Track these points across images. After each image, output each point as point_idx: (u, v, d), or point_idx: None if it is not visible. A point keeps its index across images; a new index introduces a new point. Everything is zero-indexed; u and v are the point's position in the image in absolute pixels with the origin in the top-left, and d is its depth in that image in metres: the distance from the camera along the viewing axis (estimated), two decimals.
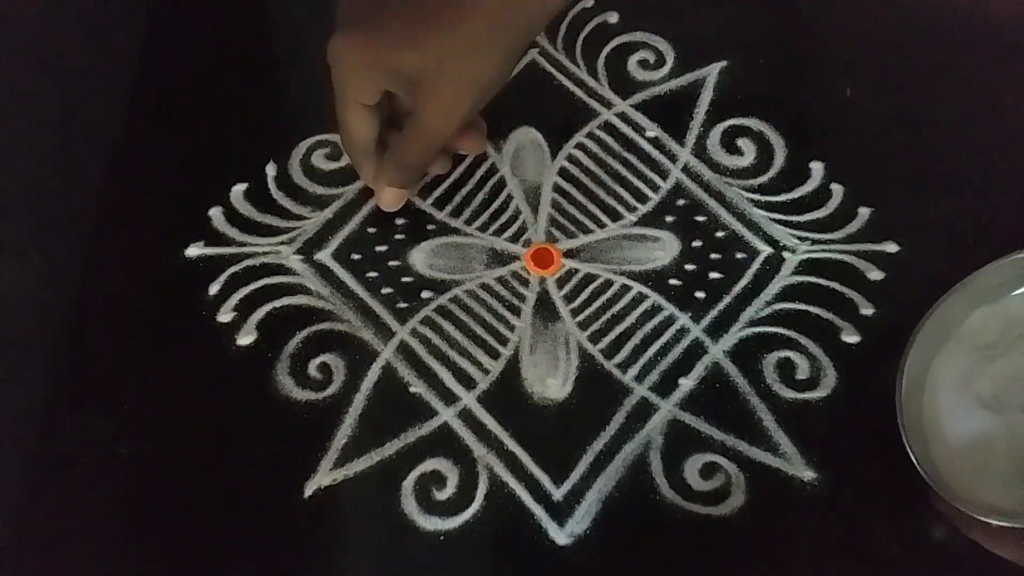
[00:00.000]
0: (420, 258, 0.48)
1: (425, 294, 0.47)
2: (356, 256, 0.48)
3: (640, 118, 0.53)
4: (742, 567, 0.40)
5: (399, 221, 0.49)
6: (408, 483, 0.42)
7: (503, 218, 0.50)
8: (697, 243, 0.49)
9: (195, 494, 0.42)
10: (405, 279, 0.48)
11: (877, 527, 0.41)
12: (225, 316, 0.46)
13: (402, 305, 0.47)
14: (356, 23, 0.43)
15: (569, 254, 0.49)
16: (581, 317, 0.47)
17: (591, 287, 0.47)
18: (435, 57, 0.41)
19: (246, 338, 0.46)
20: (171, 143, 0.52)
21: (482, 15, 0.41)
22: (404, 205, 0.49)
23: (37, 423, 0.44)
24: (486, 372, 0.45)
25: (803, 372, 0.45)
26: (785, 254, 0.48)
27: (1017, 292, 0.42)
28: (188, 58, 0.55)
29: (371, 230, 0.49)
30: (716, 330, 0.46)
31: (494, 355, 0.45)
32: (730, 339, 0.46)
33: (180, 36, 0.56)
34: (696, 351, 0.45)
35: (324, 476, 0.42)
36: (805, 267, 0.48)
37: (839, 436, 0.43)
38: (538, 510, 0.41)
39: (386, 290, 0.47)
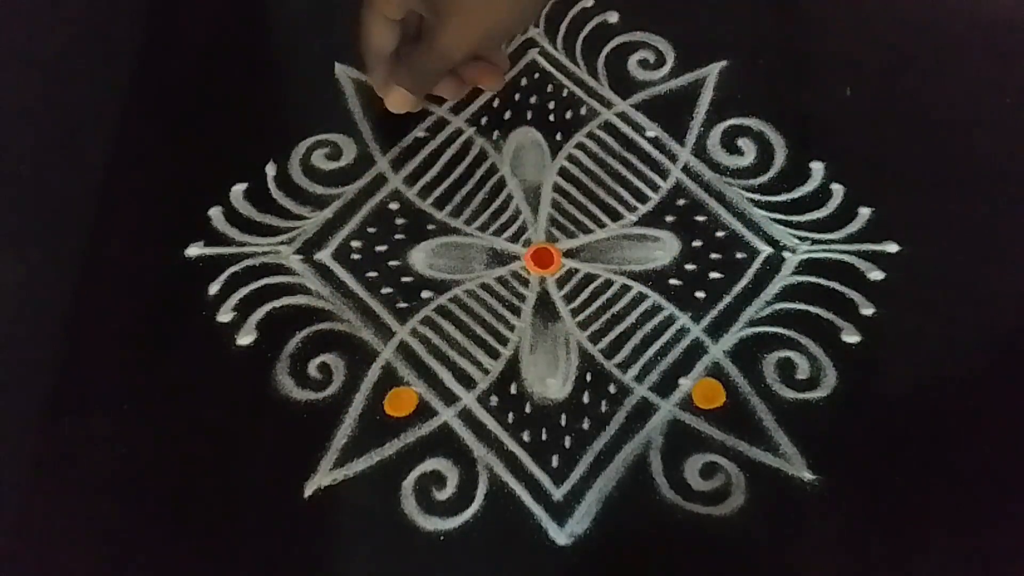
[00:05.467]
0: (420, 258, 0.48)
1: (425, 294, 0.47)
2: (356, 256, 0.48)
3: (640, 118, 0.53)
4: (742, 567, 0.40)
5: (399, 221, 0.49)
6: (408, 483, 0.42)
7: (503, 218, 0.50)
8: (697, 243, 0.49)
9: (195, 494, 0.42)
10: (405, 279, 0.48)
11: (877, 527, 0.41)
12: (225, 316, 0.46)
13: (402, 305, 0.47)
14: None
15: (569, 254, 0.49)
16: (581, 317, 0.47)
17: (591, 287, 0.47)
18: None
19: (246, 338, 0.46)
20: (171, 143, 0.52)
21: None
22: (405, 204, 0.49)
23: (37, 423, 0.44)
24: (486, 372, 0.45)
25: (803, 372, 0.45)
26: (785, 254, 0.48)
27: None
28: (188, 58, 0.55)
29: (371, 230, 0.49)
30: (716, 330, 0.46)
31: (494, 355, 0.45)
32: (730, 339, 0.46)
33: (180, 36, 0.56)
34: (696, 351, 0.45)
35: (324, 476, 0.42)
36: (805, 267, 0.48)
37: (839, 436, 0.43)
38: (538, 510, 0.41)
39: (386, 290, 0.47)
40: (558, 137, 0.52)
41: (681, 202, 0.50)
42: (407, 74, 0.47)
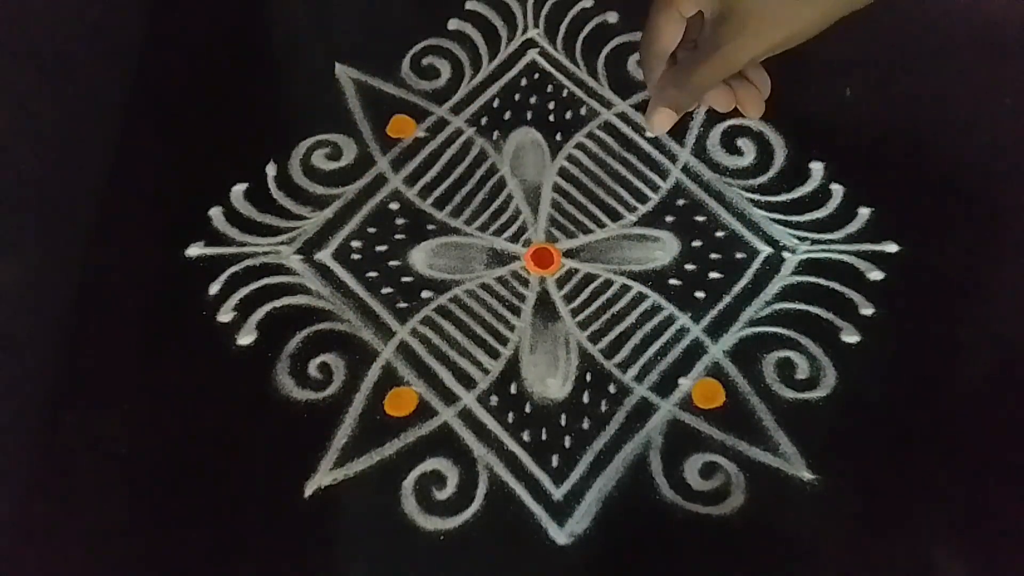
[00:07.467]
0: (420, 258, 0.48)
1: (425, 294, 0.47)
2: (356, 256, 0.48)
3: (640, 118, 0.53)
4: (742, 567, 0.40)
5: (399, 221, 0.49)
6: (408, 483, 0.42)
7: (503, 218, 0.50)
8: (697, 243, 0.49)
9: (195, 494, 0.42)
10: (405, 279, 0.48)
11: (876, 527, 0.41)
12: (225, 316, 0.46)
13: (402, 305, 0.47)
14: None
15: (569, 254, 0.49)
16: (581, 317, 0.47)
17: (591, 287, 0.47)
18: None
19: (246, 338, 0.46)
20: (171, 143, 0.52)
21: None
22: (405, 204, 0.49)
23: (37, 423, 0.44)
24: (486, 372, 0.45)
25: (803, 372, 0.45)
26: (785, 254, 0.48)
27: None
28: (188, 58, 0.55)
29: (371, 230, 0.49)
30: (716, 330, 0.46)
31: (494, 355, 0.46)
32: (730, 339, 0.46)
33: (180, 36, 0.56)
34: (696, 351, 0.45)
35: (324, 476, 0.42)
36: (805, 267, 0.48)
37: (839, 436, 0.43)
38: (538, 510, 0.41)
39: (386, 290, 0.47)
40: (558, 137, 0.52)
41: (681, 202, 0.50)
42: (674, 88, 0.44)
